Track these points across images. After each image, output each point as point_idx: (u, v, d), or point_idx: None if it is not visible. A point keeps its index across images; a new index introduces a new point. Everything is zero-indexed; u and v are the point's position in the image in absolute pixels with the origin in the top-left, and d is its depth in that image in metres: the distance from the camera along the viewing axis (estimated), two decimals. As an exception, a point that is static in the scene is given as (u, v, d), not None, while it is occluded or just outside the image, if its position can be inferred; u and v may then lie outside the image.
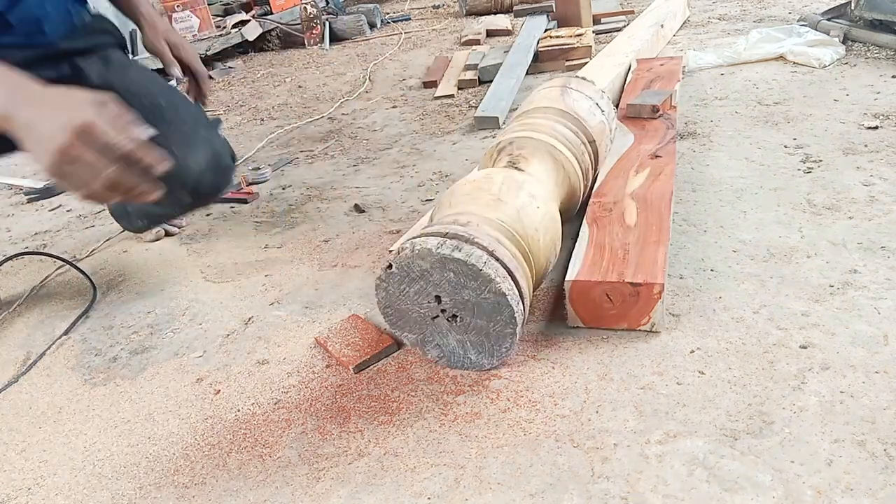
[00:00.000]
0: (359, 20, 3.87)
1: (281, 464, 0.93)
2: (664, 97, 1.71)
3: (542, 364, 1.03)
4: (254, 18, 3.93)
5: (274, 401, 1.07)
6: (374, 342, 1.13)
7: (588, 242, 1.16)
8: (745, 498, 0.76)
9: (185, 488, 0.92)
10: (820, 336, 0.98)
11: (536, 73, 2.61)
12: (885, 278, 1.08)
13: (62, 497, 0.95)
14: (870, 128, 1.61)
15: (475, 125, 2.14)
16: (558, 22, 2.99)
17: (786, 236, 1.24)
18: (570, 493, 0.81)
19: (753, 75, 2.10)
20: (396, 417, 0.98)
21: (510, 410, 0.95)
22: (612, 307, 1.05)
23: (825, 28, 2.25)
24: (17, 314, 1.48)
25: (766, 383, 0.91)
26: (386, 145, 2.15)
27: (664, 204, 1.24)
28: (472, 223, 1.01)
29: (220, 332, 1.28)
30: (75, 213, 2.03)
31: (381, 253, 1.46)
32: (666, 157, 1.44)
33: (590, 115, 1.35)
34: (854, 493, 0.74)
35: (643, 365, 0.99)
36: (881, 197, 1.31)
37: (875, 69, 1.97)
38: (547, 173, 1.23)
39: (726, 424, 0.86)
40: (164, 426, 1.05)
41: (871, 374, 0.90)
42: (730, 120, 1.81)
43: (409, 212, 1.63)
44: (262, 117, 2.70)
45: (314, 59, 3.56)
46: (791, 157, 1.54)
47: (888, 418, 0.83)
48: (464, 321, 1.00)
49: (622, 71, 2.09)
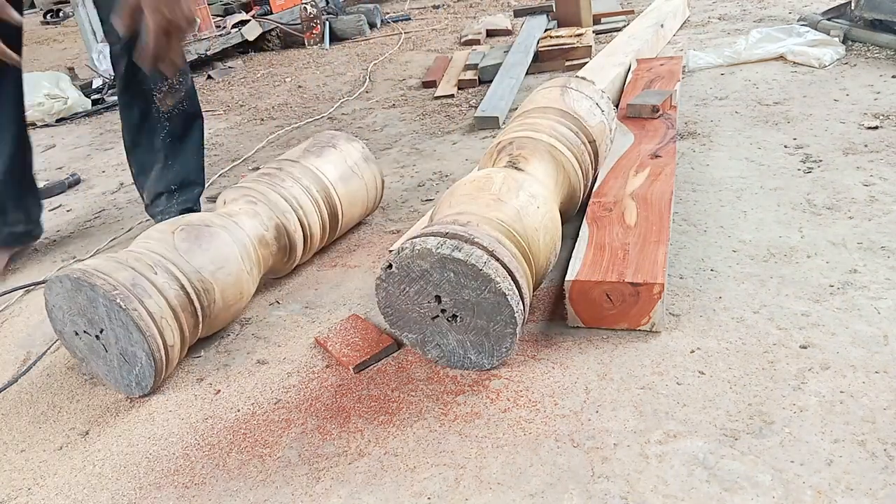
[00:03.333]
0: (359, 20, 3.87)
1: (281, 464, 0.93)
2: (664, 97, 1.71)
3: (542, 364, 1.03)
4: (254, 18, 3.93)
5: (274, 401, 1.07)
6: (374, 342, 1.13)
7: (588, 242, 1.16)
8: (745, 498, 0.76)
9: (185, 488, 0.92)
10: (820, 336, 0.98)
11: (536, 73, 2.61)
12: (885, 278, 1.08)
13: (62, 497, 0.95)
14: (870, 128, 1.61)
15: (475, 125, 2.14)
16: (558, 22, 2.99)
17: (786, 236, 1.24)
18: (570, 493, 0.81)
19: (753, 75, 2.10)
20: (396, 417, 0.98)
21: (510, 410, 0.95)
22: (612, 307, 1.05)
23: (825, 28, 2.25)
24: (17, 314, 1.48)
25: (766, 383, 0.91)
26: (386, 145, 2.15)
27: (664, 204, 1.24)
28: (472, 223, 1.01)
29: (220, 332, 1.28)
30: (74, 214, 2.03)
31: (381, 253, 1.46)
32: (666, 157, 1.44)
33: (590, 115, 1.35)
34: (854, 493, 0.74)
35: (643, 365, 0.99)
36: (881, 197, 1.31)
37: (875, 69, 1.97)
38: (547, 173, 1.23)
39: (726, 424, 0.86)
40: (164, 426, 1.05)
41: (871, 374, 0.90)
42: (730, 120, 1.81)
43: (409, 212, 1.63)
44: (262, 117, 2.70)
45: (314, 59, 3.56)
46: (791, 157, 1.54)
47: (888, 418, 0.83)
48: (464, 321, 1.00)
49: (622, 71, 2.09)
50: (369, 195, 1.52)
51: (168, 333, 1.08)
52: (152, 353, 1.06)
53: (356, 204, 1.48)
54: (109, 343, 1.10)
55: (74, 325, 1.13)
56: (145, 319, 1.05)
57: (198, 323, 1.15)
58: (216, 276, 1.16)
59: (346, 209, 1.45)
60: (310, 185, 1.38)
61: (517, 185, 1.10)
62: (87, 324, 1.11)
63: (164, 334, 1.07)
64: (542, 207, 1.09)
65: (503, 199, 1.06)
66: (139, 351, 1.07)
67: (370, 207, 1.56)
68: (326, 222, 1.41)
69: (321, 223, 1.40)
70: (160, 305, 1.07)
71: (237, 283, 1.19)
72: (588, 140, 1.32)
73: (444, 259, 0.95)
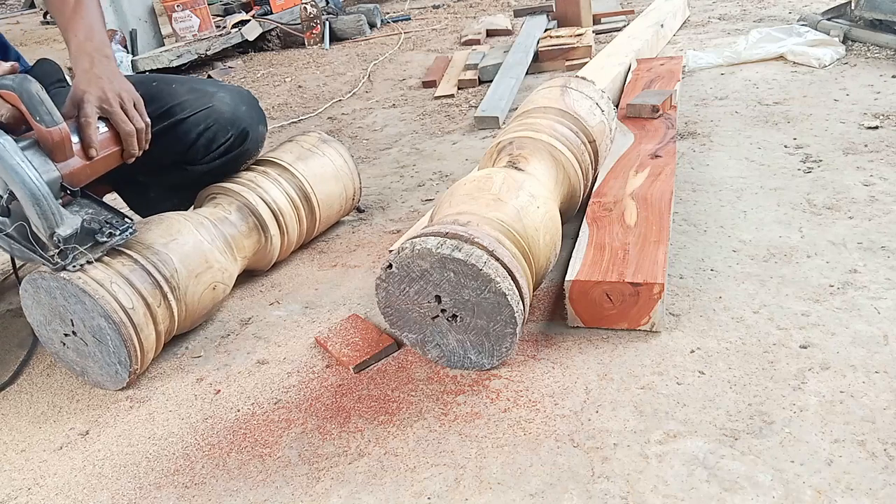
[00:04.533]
0: (359, 20, 3.87)
1: (281, 464, 0.93)
2: (664, 97, 1.71)
3: (542, 364, 1.03)
4: (254, 18, 3.93)
5: (274, 401, 1.07)
6: (374, 342, 1.13)
7: (588, 242, 1.16)
8: (745, 498, 0.76)
9: (185, 488, 0.92)
10: (820, 336, 0.98)
11: (536, 73, 2.61)
12: (885, 278, 1.08)
13: (62, 497, 0.95)
14: (870, 128, 1.61)
15: (475, 125, 2.14)
16: (558, 22, 2.99)
17: (786, 236, 1.24)
18: (570, 493, 0.81)
19: (753, 75, 2.10)
20: (396, 417, 0.98)
21: (510, 410, 0.95)
22: (612, 307, 1.05)
23: (825, 28, 2.25)
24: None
25: (766, 383, 0.91)
26: (386, 145, 2.15)
27: (664, 204, 1.24)
28: (472, 223, 1.01)
29: (220, 331, 1.28)
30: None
31: (381, 253, 1.46)
32: (666, 156, 1.44)
33: (590, 115, 1.35)
34: (854, 493, 0.74)
35: (643, 365, 0.99)
36: (881, 197, 1.31)
37: (875, 69, 1.97)
38: (547, 173, 1.23)
39: (726, 424, 0.86)
40: (164, 426, 1.05)
41: (871, 374, 0.90)
42: (730, 120, 1.81)
43: (409, 212, 1.63)
44: (262, 117, 2.70)
45: (314, 58, 3.56)
46: (791, 157, 1.54)
47: (888, 418, 0.83)
48: (464, 321, 1.00)
49: (622, 71, 2.09)
50: (340, 171, 1.53)
51: (123, 297, 1.07)
52: (109, 315, 1.05)
53: (326, 180, 1.49)
54: (82, 331, 1.11)
55: (58, 335, 1.15)
56: (91, 284, 1.05)
57: (166, 293, 1.14)
58: (170, 247, 1.17)
59: (314, 185, 1.46)
60: (265, 170, 1.43)
61: (517, 185, 1.10)
62: (62, 323, 1.13)
63: (117, 297, 1.07)
64: (542, 207, 1.09)
65: (503, 199, 1.06)
66: (98, 320, 1.07)
67: (349, 185, 1.55)
68: (295, 199, 1.42)
69: (289, 200, 1.41)
70: (106, 272, 1.08)
71: (197, 251, 1.20)
72: (588, 140, 1.32)
73: (444, 259, 0.95)
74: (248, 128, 1.39)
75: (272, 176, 1.42)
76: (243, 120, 1.38)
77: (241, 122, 1.38)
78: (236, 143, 1.38)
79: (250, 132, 1.40)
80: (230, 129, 1.36)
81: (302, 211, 1.44)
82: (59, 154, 1.03)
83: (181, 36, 3.74)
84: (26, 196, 0.98)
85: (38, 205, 0.99)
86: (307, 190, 1.44)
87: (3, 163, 0.95)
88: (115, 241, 1.09)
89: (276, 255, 1.41)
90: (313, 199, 1.45)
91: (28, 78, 0.98)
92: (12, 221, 1.04)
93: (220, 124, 1.35)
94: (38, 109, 0.99)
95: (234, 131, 1.37)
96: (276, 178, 1.42)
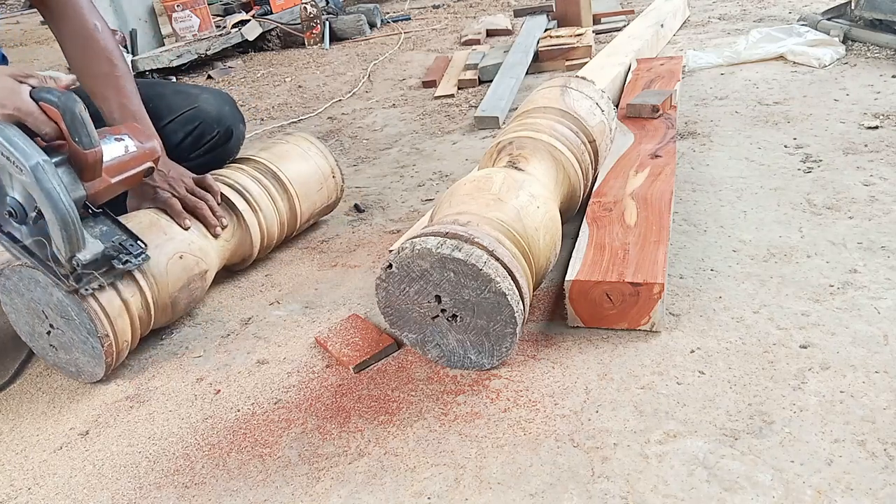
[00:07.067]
0: (359, 20, 3.87)
1: (281, 464, 0.93)
2: (664, 97, 1.71)
3: (542, 364, 1.03)
4: (254, 18, 3.93)
5: (274, 401, 1.07)
6: (374, 342, 1.13)
7: (588, 242, 1.16)
8: (745, 498, 0.76)
9: (185, 488, 0.92)
10: (820, 336, 0.98)
11: (536, 73, 2.61)
12: (885, 278, 1.08)
13: (62, 497, 0.95)
14: (870, 128, 1.61)
15: (475, 125, 2.14)
16: (558, 22, 2.99)
17: (786, 236, 1.24)
18: (570, 492, 0.81)
19: (753, 75, 2.10)
20: (396, 417, 0.98)
21: (510, 410, 0.95)
22: (612, 307, 1.05)
23: (825, 28, 2.25)
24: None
25: (766, 383, 0.91)
26: (386, 145, 2.15)
27: (664, 204, 1.24)
28: (472, 223, 1.01)
29: (220, 331, 1.28)
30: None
31: (381, 253, 1.46)
32: (666, 156, 1.44)
33: (590, 115, 1.35)
34: (854, 493, 0.74)
35: (643, 365, 0.99)
36: (881, 197, 1.31)
37: (875, 69, 1.97)
38: (547, 173, 1.23)
39: (726, 424, 0.86)
40: (164, 426, 1.05)
41: (871, 374, 0.90)
42: (730, 120, 1.81)
43: (409, 212, 1.63)
44: (262, 117, 2.70)
45: (314, 58, 3.56)
46: (791, 157, 1.54)
47: (888, 418, 0.83)
48: (464, 321, 1.00)
49: (622, 71, 2.09)
50: (307, 151, 1.53)
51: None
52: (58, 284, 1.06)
53: (292, 158, 1.50)
54: (54, 318, 1.11)
55: (45, 340, 1.16)
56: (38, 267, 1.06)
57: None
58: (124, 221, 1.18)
59: (280, 165, 1.46)
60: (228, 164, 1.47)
61: (517, 184, 1.10)
62: (40, 321, 1.14)
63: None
64: (542, 207, 1.09)
65: (503, 199, 1.06)
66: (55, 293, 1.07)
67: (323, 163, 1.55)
68: (260, 178, 1.42)
69: (253, 179, 1.41)
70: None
71: (154, 226, 1.21)
72: (588, 140, 1.32)
73: (444, 259, 0.95)
74: (232, 126, 1.49)
75: (233, 166, 1.45)
76: (227, 118, 1.48)
77: (225, 121, 1.48)
78: (221, 140, 1.47)
79: (234, 130, 1.50)
80: (216, 127, 1.46)
81: (272, 189, 1.43)
82: (88, 174, 1.04)
83: (181, 36, 3.74)
84: (56, 219, 0.98)
85: (65, 229, 0.99)
86: (273, 170, 1.45)
87: (41, 185, 0.96)
88: (129, 266, 1.11)
89: (258, 234, 1.40)
90: (282, 176, 1.45)
91: (73, 98, 0.99)
92: (31, 234, 1.05)
93: (207, 123, 1.45)
94: (78, 131, 0.99)
95: (220, 129, 1.46)
96: (238, 167, 1.44)
